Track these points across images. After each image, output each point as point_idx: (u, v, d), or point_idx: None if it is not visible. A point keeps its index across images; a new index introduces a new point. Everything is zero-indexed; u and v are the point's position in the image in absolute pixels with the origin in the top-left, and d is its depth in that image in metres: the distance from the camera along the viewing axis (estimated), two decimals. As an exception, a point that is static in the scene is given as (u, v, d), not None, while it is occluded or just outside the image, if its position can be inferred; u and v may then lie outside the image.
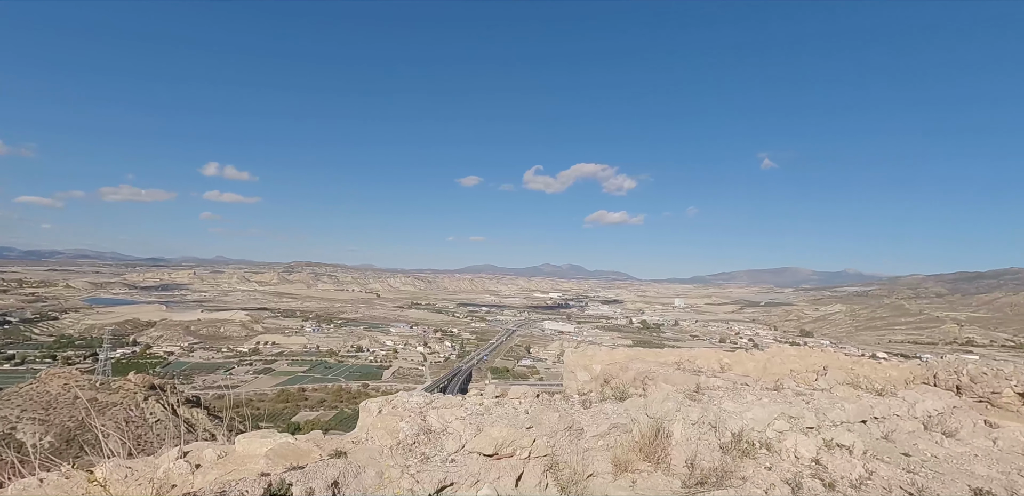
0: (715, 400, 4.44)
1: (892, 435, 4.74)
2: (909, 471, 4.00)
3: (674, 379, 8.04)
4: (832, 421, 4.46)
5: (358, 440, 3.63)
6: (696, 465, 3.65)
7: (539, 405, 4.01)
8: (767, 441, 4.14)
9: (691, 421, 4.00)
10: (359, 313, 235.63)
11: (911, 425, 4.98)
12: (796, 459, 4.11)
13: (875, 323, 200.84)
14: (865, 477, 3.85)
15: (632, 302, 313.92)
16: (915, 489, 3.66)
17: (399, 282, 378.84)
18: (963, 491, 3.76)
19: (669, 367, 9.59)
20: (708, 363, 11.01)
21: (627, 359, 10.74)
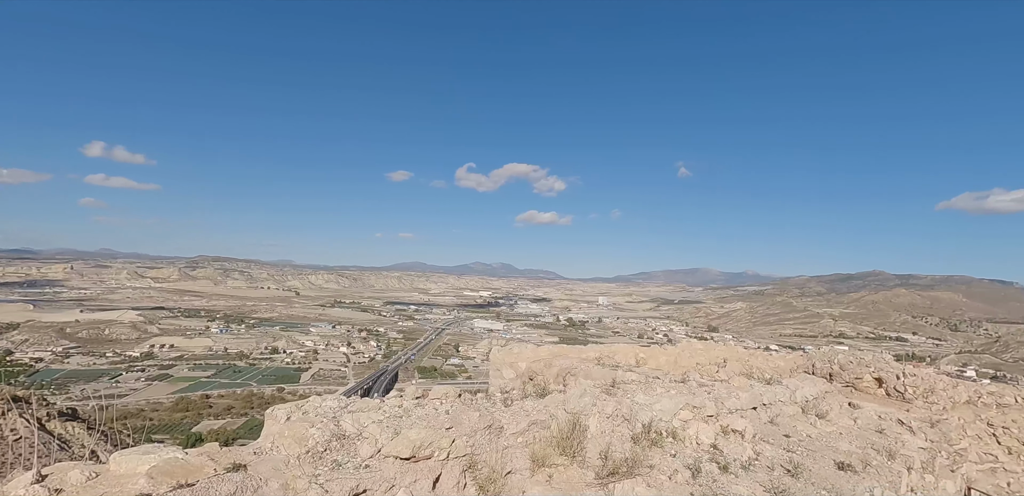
0: (629, 393, 4.71)
1: (777, 419, 5.33)
2: (788, 450, 4.52)
3: (594, 374, 8.41)
4: (729, 409, 4.91)
5: (261, 450, 3.35)
6: (609, 456, 3.84)
7: (461, 405, 3.98)
8: (673, 430, 4.47)
9: (606, 414, 4.20)
10: (275, 312, 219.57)
11: (792, 409, 5.63)
12: (697, 445, 4.47)
13: (769, 319, 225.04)
14: (753, 458, 4.28)
15: (560, 300, 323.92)
16: (792, 466, 4.14)
17: (321, 279, 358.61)
18: (829, 465, 4.31)
19: (590, 363, 10.01)
20: (626, 358, 11.64)
21: (551, 356, 11.05)
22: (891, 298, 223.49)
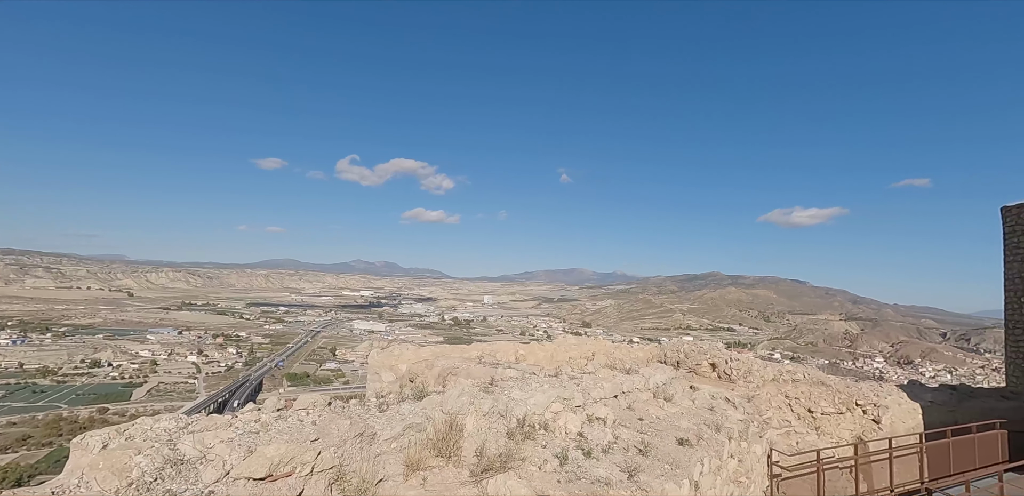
0: (506, 390, 4.88)
1: (634, 405, 5.99)
2: (641, 432, 5.11)
3: (475, 373, 8.52)
4: (594, 398, 5.37)
5: (65, 489, 2.71)
6: (484, 453, 3.93)
7: (330, 414, 3.70)
8: (545, 422, 4.74)
9: (483, 412, 4.29)
10: (98, 317, 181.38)
11: (646, 395, 6.38)
12: (566, 434, 4.81)
13: (633, 314, 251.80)
14: (613, 442, 4.75)
15: (446, 300, 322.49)
16: (643, 446, 4.69)
17: (165, 278, 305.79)
18: (672, 442, 4.98)
19: (472, 362, 10.14)
20: (506, 356, 12.03)
21: (433, 357, 10.93)
22: (724, 295, 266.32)
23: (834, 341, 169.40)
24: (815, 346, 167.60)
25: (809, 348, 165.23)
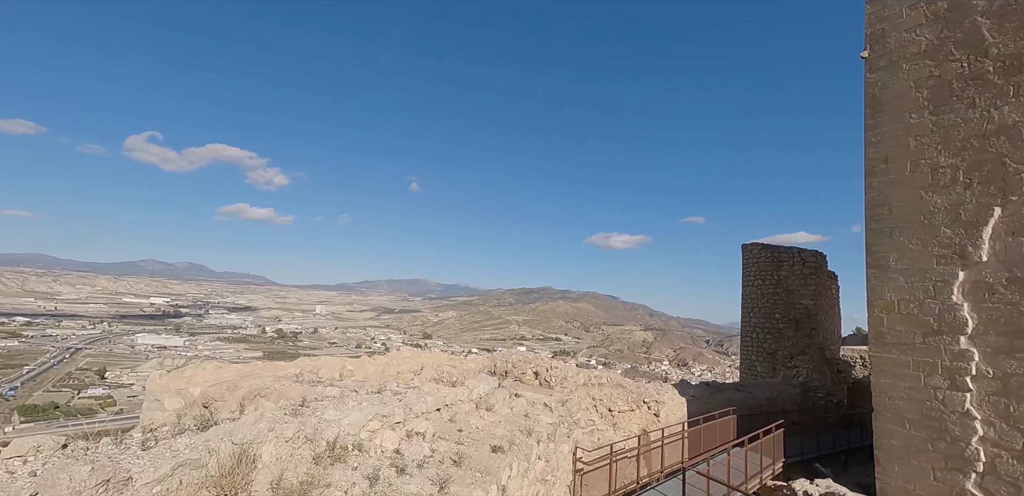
0: (319, 411, 4.50)
1: (456, 416, 6.13)
2: (459, 443, 5.26)
3: (289, 393, 7.67)
4: (416, 413, 5.34)
5: None
6: (281, 484, 3.52)
7: (64, 460, 2.85)
8: (360, 442, 4.51)
9: (286, 438, 3.87)
10: None
11: (468, 406, 6.60)
12: (382, 453, 4.65)
13: (474, 326, 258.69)
14: (429, 455, 4.77)
15: (270, 309, 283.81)
16: (458, 457, 4.82)
17: None
18: (486, 450, 5.24)
19: (289, 380, 9.10)
20: (332, 371, 11.13)
21: (239, 376, 9.48)
22: (555, 308, 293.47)
23: (635, 348, 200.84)
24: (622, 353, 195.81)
25: (617, 354, 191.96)
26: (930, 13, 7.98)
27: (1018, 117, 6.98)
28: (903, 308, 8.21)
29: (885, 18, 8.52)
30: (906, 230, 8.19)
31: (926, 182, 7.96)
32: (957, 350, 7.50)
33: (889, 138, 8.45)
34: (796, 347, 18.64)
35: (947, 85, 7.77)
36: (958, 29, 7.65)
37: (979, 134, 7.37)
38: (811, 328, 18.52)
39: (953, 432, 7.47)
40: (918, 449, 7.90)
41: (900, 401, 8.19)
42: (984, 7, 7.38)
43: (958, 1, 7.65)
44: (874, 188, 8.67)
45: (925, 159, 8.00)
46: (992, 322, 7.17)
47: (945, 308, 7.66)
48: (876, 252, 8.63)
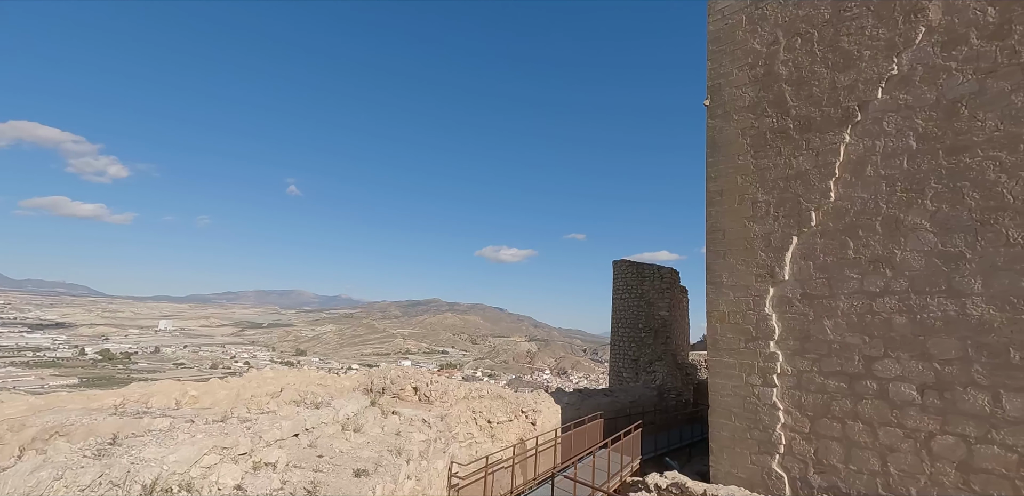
0: (136, 449, 3.76)
1: (317, 441, 5.63)
2: (316, 470, 4.83)
3: (101, 428, 6.33)
4: (267, 441, 4.78)
5: None
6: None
7: None
8: (190, 481, 3.88)
9: (81, 487, 3.14)
10: None
11: (333, 429, 6.12)
12: (219, 490, 4.06)
13: (355, 340, 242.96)
14: (278, 488, 4.29)
15: (93, 325, 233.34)
16: (313, 485, 4.42)
17: None
18: (348, 475, 4.89)
19: (104, 413, 7.52)
20: (168, 399, 9.50)
21: (31, 411, 7.58)
22: (442, 320, 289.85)
23: (520, 359, 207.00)
24: (507, 363, 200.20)
25: (503, 365, 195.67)
26: (751, 76, 9.82)
27: (808, 166, 8.85)
28: (732, 318, 9.71)
29: (721, 75, 10.27)
30: (734, 253, 9.77)
31: (748, 213, 9.62)
32: (768, 353, 9.07)
33: (723, 175, 10.08)
34: (654, 354, 20.89)
35: (763, 135, 9.56)
36: (770, 92, 9.52)
37: (784, 177, 9.17)
38: (666, 336, 20.95)
39: (764, 421, 8.96)
40: (740, 438, 9.30)
41: (728, 398, 9.60)
42: (787, 76, 9.31)
43: (770, 70, 9.54)
44: (712, 216, 10.22)
45: (748, 194, 9.68)
46: (791, 329, 8.84)
47: (760, 318, 9.24)
48: (713, 271, 10.13)
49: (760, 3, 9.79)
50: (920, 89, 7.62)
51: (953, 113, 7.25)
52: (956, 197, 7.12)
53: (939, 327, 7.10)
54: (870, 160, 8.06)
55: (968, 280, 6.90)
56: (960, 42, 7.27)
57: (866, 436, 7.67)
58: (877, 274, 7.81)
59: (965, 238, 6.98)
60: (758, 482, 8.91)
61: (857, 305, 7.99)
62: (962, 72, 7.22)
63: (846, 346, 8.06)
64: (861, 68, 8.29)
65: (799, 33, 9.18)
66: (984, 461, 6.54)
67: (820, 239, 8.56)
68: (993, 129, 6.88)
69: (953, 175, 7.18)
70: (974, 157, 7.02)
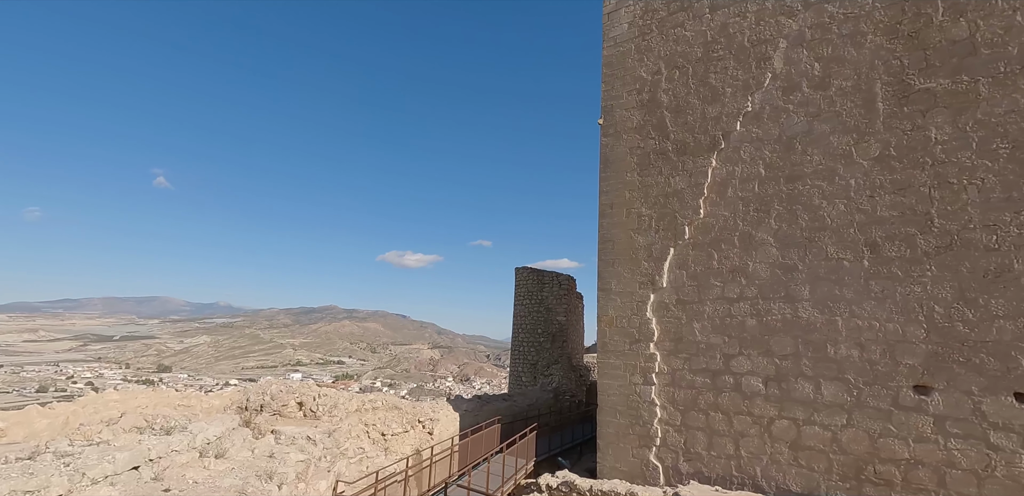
0: None
1: (164, 473, 4.86)
2: (162, 508, 4.14)
3: None
4: (93, 478, 3.99)
5: None
6: None
7: None
8: (-25, 539, 3.07)
9: None
10: None
11: (188, 457, 5.34)
12: (20, 547, 3.27)
13: (235, 352, 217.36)
14: (106, 535, 3.59)
15: None
16: (154, 527, 3.78)
17: None
18: (203, 509, 4.27)
19: None
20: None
21: None
22: (339, 328, 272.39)
23: (422, 367, 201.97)
24: (409, 372, 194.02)
25: (404, 374, 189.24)
26: (639, 101, 10.80)
27: (684, 185, 9.93)
28: (619, 323, 10.44)
29: (613, 97, 11.14)
30: (622, 262, 10.56)
31: (634, 226, 10.48)
32: (648, 354, 9.90)
33: (614, 190, 10.88)
34: (552, 357, 21.73)
35: (648, 155, 10.53)
36: (653, 116, 10.54)
37: (664, 194, 10.17)
38: (563, 340, 21.93)
39: (644, 417, 9.74)
40: (623, 434, 9.99)
41: (614, 397, 10.27)
42: (668, 104, 10.40)
43: (654, 96, 10.58)
44: (603, 227, 10.96)
45: (634, 208, 10.55)
46: (667, 332, 9.76)
47: (642, 322, 10.07)
48: (604, 278, 10.83)
49: (647, 36, 10.85)
50: (768, 125, 9.00)
51: (790, 148, 8.67)
52: (792, 218, 8.48)
53: (779, 328, 8.34)
54: (731, 183, 9.28)
55: (799, 288, 8.22)
56: (796, 89, 8.75)
57: (724, 425, 8.70)
58: (735, 282, 8.96)
59: (798, 252, 8.33)
60: (638, 474, 9.62)
61: (719, 309, 9.07)
62: (797, 114, 8.68)
63: (710, 346, 9.10)
64: (725, 102, 9.55)
65: (678, 66, 10.32)
66: (809, 440, 7.79)
67: (692, 251, 9.60)
68: (818, 163, 8.35)
69: (790, 199, 8.55)
70: (805, 185, 8.44)
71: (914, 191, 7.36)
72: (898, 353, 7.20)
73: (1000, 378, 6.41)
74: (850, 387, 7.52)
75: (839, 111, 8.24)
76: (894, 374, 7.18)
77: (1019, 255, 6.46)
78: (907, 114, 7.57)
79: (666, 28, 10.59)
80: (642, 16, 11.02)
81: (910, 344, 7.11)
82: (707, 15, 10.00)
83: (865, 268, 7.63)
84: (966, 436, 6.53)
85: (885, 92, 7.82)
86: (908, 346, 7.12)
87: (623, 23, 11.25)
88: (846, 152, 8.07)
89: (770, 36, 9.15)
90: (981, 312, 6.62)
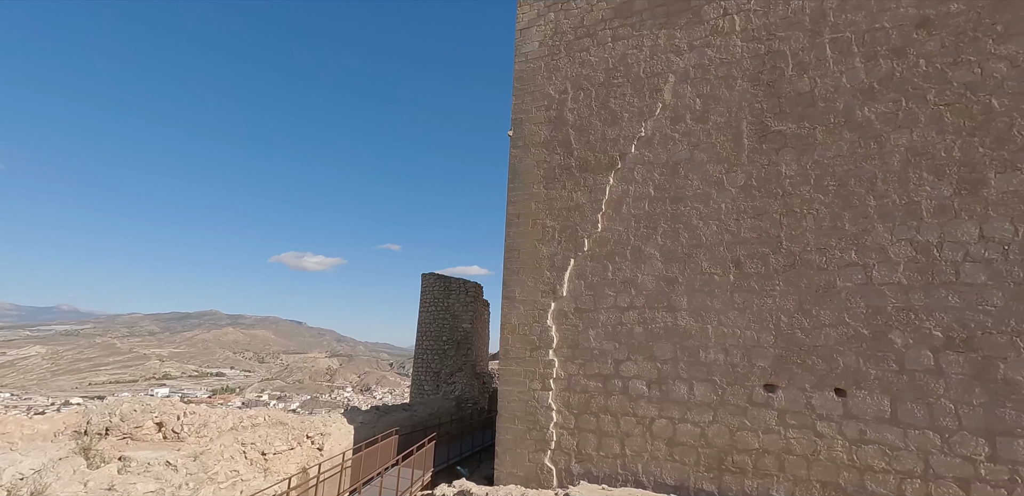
0: None
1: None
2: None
3: None
4: None
5: None
6: None
7: None
8: None
9: None
10: None
11: (-7, 502, 4.34)
12: None
13: (80, 365, 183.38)
14: None
15: None
16: None
17: None
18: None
19: None
20: None
21: None
22: (220, 336, 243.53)
23: (318, 377, 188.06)
24: (302, 383, 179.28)
25: (297, 386, 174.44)
26: (547, 117, 11.29)
27: (584, 200, 10.53)
28: (521, 330, 10.69)
29: (523, 111, 11.52)
30: (526, 271, 10.86)
31: (539, 236, 10.86)
32: (547, 360, 10.26)
33: (521, 200, 11.19)
34: (455, 365, 21.56)
35: (553, 169, 11.01)
36: (560, 133, 11.08)
37: (567, 207, 10.69)
38: (468, 348, 21.90)
39: (541, 422, 10.05)
40: (521, 439, 10.21)
41: (514, 403, 10.46)
42: (573, 122, 11.00)
43: (560, 114, 11.14)
44: (510, 236, 11.20)
45: (540, 220, 10.94)
46: (565, 339, 10.21)
47: (543, 330, 10.43)
48: (508, 286, 11.04)
49: (555, 56, 11.42)
50: (657, 150, 9.93)
51: (675, 172, 9.66)
52: (675, 235, 9.42)
53: (661, 335, 9.17)
54: (625, 201, 10.05)
55: (679, 298, 9.13)
56: (681, 120, 9.79)
57: (612, 426, 9.30)
58: (626, 292, 9.68)
59: (679, 266, 9.26)
60: (533, 478, 9.87)
61: (612, 318, 9.72)
62: (681, 142, 9.71)
63: (603, 352, 9.70)
64: (622, 126, 10.37)
65: (582, 88, 10.99)
66: (682, 436, 8.63)
67: (590, 262, 10.19)
68: (696, 187, 9.40)
69: (674, 218, 9.50)
70: (686, 206, 9.44)
71: (768, 217, 8.62)
72: (753, 356, 8.31)
73: (825, 376, 7.71)
74: (716, 387, 8.50)
75: (714, 143, 9.38)
76: (750, 375, 8.26)
77: (841, 274, 7.86)
78: (765, 151, 8.87)
79: (573, 51, 11.24)
80: (552, 36, 11.58)
81: (762, 348, 8.25)
82: (609, 44, 10.81)
83: (731, 282, 8.71)
84: (800, 426, 7.72)
85: (749, 130, 9.09)
86: (761, 350, 8.25)
87: (534, 41, 11.72)
88: (719, 179, 9.20)
89: (662, 70, 10.15)
90: (813, 321, 7.91)
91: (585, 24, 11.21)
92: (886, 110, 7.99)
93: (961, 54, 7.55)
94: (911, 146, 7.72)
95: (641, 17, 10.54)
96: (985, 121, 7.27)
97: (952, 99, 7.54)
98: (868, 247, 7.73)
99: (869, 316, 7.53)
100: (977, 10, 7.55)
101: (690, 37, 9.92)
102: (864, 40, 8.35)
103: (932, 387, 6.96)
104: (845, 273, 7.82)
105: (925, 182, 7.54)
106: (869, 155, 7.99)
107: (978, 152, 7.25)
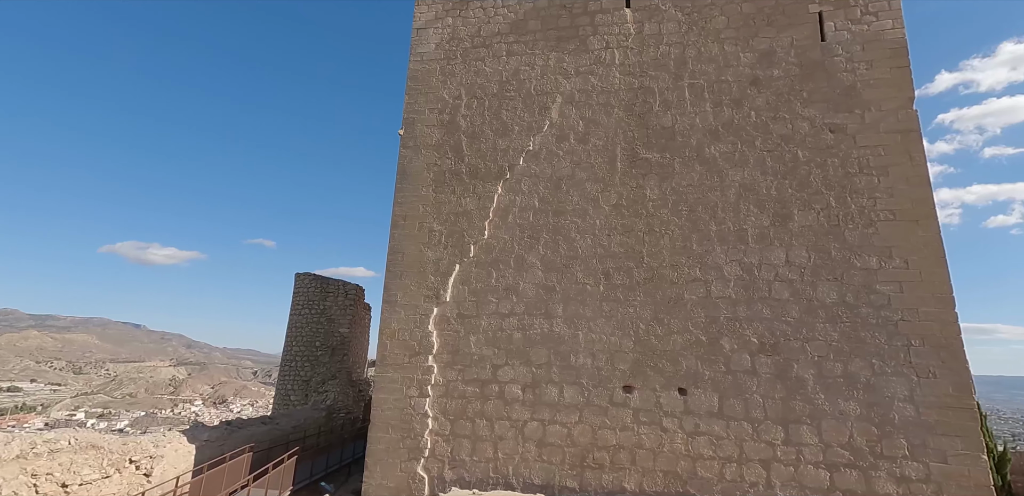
0: None
1: None
2: None
3: None
4: None
5: None
6: None
7: None
8: None
9: None
10: None
11: None
12: None
13: None
14: None
15: None
16: None
17: None
18: None
19: None
20: None
21: None
22: (18, 341, 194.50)
23: (158, 389, 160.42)
24: (135, 397, 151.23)
25: (127, 400, 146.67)
26: (440, 120, 11.21)
27: (473, 207, 10.64)
28: (400, 335, 10.36)
29: (416, 111, 11.28)
30: (410, 274, 10.58)
31: (425, 240, 10.67)
32: (426, 366, 10.09)
33: (408, 202, 10.90)
34: (329, 372, 20.11)
35: (443, 173, 10.94)
36: (452, 138, 11.07)
37: (455, 212, 10.68)
38: (344, 354, 20.58)
39: (415, 429, 9.83)
40: (394, 448, 9.86)
41: (389, 411, 10.07)
42: (465, 129, 11.08)
43: (453, 119, 11.15)
44: (395, 238, 10.82)
45: (427, 223, 10.76)
46: (446, 345, 10.16)
47: (424, 335, 10.24)
48: (389, 290, 10.63)
49: (451, 61, 11.41)
50: (543, 165, 10.48)
51: (558, 187, 10.28)
52: (555, 246, 10.00)
53: (538, 340, 9.63)
54: (512, 210, 10.40)
55: (556, 306, 9.70)
56: (565, 139, 10.48)
57: (487, 430, 9.48)
58: (508, 299, 9.98)
59: (557, 276, 9.85)
60: (404, 488, 9.59)
61: (493, 323, 9.94)
62: (565, 159, 10.39)
63: (483, 357, 9.85)
64: (512, 138, 10.73)
65: (477, 96, 11.14)
66: (551, 437, 9.14)
67: (475, 268, 10.31)
68: (576, 203, 10.13)
69: (555, 230, 10.09)
70: (566, 220, 10.10)
71: (634, 234, 9.62)
72: (616, 361, 9.17)
73: (672, 377, 8.83)
74: (583, 389, 9.18)
75: (593, 163, 10.20)
76: (612, 378, 9.10)
77: (688, 288, 9.10)
78: (634, 175, 9.91)
79: (469, 59, 11.34)
80: (449, 41, 11.55)
81: (624, 353, 9.14)
82: (504, 57, 11.15)
83: (601, 292, 9.52)
84: (650, 423, 8.73)
85: (622, 154, 10.08)
86: (622, 355, 9.15)
87: (431, 43, 11.57)
88: (595, 197, 10.02)
89: (551, 89, 10.76)
90: (665, 329, 9.02)
91: (482, 34, 11.39)
92: (727, 150, 9.50)
93: (779, 111, 9.33)
94: (743, 182, 9.27)
95: (535, 37, 11.05)
96: (793, 168, 9.06)
97: (772, 147, 9.26)
98: (709, 265, 9.07)
99: (707, 324, 8.82)
100: (791, 78, 9.40)
101: (577, 63, 10.67)
102: (714, 88, 9.83)
103: (748, 385, 8.39)
104: (691, 287, 9.06)
105: (751, 213, 9.11)
106: (713, 187, 9.41)
107: (787, 192, 8.99)
